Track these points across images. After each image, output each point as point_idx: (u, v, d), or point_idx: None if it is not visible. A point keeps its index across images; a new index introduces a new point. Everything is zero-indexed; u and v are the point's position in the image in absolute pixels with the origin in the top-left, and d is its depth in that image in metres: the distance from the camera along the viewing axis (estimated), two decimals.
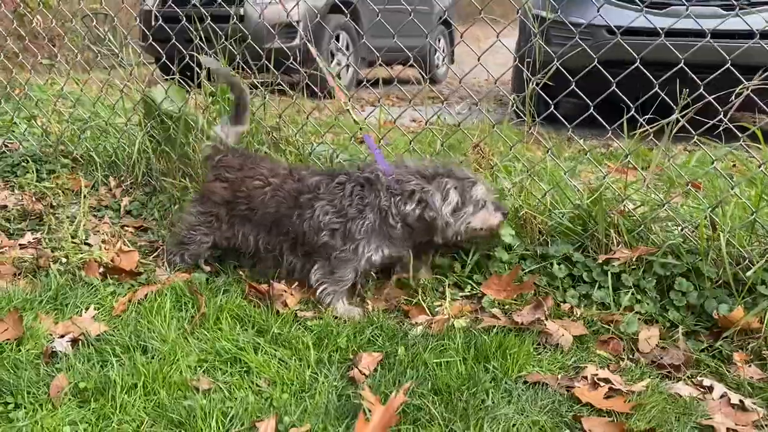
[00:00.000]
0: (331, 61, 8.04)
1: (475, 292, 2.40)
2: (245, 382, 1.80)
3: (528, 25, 5.40)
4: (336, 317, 2.19)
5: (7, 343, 2.02)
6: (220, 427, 1.57)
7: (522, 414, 1.67)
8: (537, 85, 2.55)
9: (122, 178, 3.32)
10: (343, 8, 3.92)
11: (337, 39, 8.32)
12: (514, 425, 1.62)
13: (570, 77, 2.58)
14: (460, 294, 2.41)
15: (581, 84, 2.57)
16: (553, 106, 2.57)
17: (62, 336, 2.07)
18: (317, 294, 2.29)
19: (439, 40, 10.85)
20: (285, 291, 2.32)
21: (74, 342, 2.04)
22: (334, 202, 2.27)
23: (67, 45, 4.35)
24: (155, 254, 2.72)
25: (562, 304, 2.31)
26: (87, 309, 2.25)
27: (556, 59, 2.52)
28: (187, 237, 2.52)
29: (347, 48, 8.52)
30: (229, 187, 2.47)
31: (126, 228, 2.97)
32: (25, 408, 1.68)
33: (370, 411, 1.55)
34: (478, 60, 2.64)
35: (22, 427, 1.60)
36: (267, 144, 3.02)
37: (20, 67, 4.46)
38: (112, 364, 1.82)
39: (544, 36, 4.98)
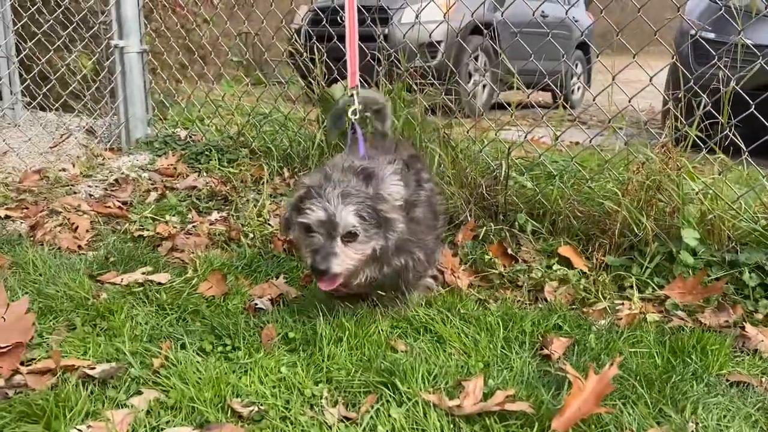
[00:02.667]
0: (469, 82, 8.13)
1: (656, 294, 2.33)
2: (438, 350, 1.86)
3: (684, 48, 5.19)
4: None
5: (214, 298, 2.21)
6: (426, 382, 1.64)
7: (733, 406, 1.60)
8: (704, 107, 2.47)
9: (296, 169, 3.54)
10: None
11: (476, 60, 8.41)
12: (725, 416, 1.56)
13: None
14: (640, 296, 2.35)
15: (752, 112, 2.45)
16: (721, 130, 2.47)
17: (261, 297, 2.24)
18: None
19: (577, 65, 10.67)
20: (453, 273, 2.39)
21: (272, 301, 2.20)
22: None
23: (226, 60, 4.73)
24: None
25: (754, 313, 2.20)
26: (277, 277, 2.42)
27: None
28: None
29: (484, 69, 8.58)
30: None
31: None
32: (242, 350, 1.84)
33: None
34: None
35: (244, 364, 1.74)
36: (437, 141, 3.12)
37: (183, 75, 4.92)
38: (318, 319, 1.94)
39: (703, 58, 4.77)
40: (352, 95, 2.28)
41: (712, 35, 4.83)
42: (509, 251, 2.62)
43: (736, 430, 1.47)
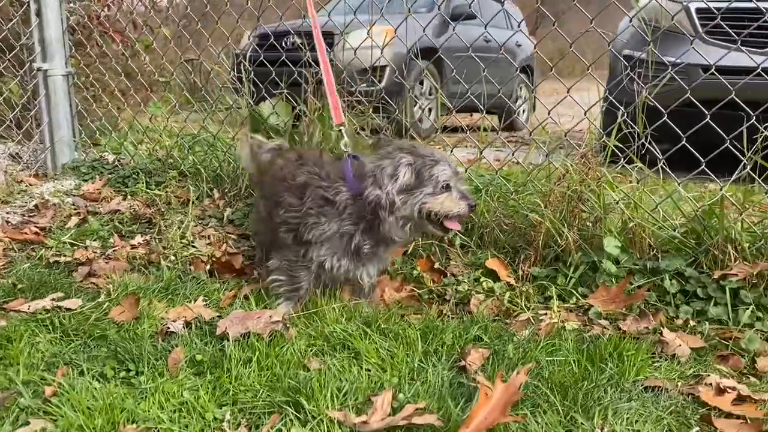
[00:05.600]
0: (415, 105, 8.19)
1: (580, 303, 2.33)
2: (354, 366, 1.80)
3: (618, 67, 5.35)
4: None
5: (125, 323, 2.11)
6: (335, 400, 1.57)
7: (645, 411, 1.59)
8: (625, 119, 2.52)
9: (226, 190, 3.45)
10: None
11: (421, 84, 8.49)
12: (637, 420, 1.54)
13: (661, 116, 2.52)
14: (564, 305, 2.35)
15: (683, 128, 2.51)
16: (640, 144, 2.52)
17: (174, 321, 2.15)
18: (270, 285, 2.24)
19: (521, 89, 10.89)
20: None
21: (187, 324, 2.10)
22: (296, 200, 2.16)
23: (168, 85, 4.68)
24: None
25: (675, 319, 2.21)
26: (196, 300, 2.33)
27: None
28: (253, 228, 2.63)
29: (430, 93, 8.67)
30: (261, 170, 2.58)
31: (229, 235, 3.08)
32: (145, 375, 1.74)
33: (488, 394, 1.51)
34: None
35: (145, 389, 1.65)
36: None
37: (122, 101, 4.82)
38: (227, 340, 1.86)
39: (636, 76, 4.88)
40: (340, 130, 2.44)
41: (643, 55, 4.98)
42: (437, 265, 2.59)
43: None
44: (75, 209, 3.40)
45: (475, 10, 7.59)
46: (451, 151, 3.11)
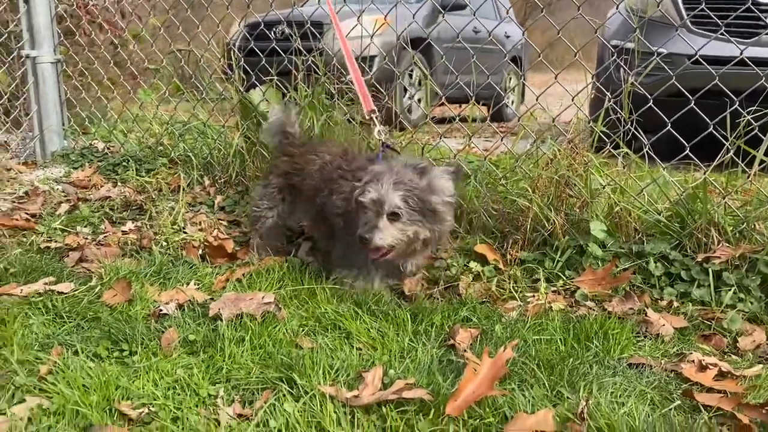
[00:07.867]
0: (404, 95, 8.19)
1: (567, 286, 2.37)
2: (346, 345, 1.84)
3: (606, 56, 5.38)
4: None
5: (118, 305, 2.13)
6: (327, 376, 1.60)
7: (629, 386, 1.63)
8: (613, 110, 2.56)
9: (216, 178, 3.46)
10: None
11: (411, 75, 8.49)
12: (621, 395, 1.59)
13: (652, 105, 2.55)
14: (552, 288, 2.39)
15: (667, 117, 2.55)
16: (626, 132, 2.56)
17: (167, 303, 2.16)
18: (337, 272, 2.28)
19: (510, 80, 10.91)
20: None
21: (179, 307, 2.12)
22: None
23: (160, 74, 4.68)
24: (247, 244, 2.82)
25: (659, 300, 2.26)
26: (188, 284, 2.35)
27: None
28: (255, 213, 2.67)
29: (419, 83, 8.67)
30: (289, 160, 2.61)
31: (220, 221, 3.09)
32: (138, 355, 1.76)
33: (476, 370, 1.55)
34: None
35: (138, 368, 1.67)
36: (357, 145, 3.11)
37: (109, 89, 4.81)
38: (220, 320, 1.88)
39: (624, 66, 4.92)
40: (371, 117, 2.55)
41: (631, 45, 5.02)
42: None
43: (628, 406, 1.49)
44: (65, 196, 3.40)
45: (466, 0, 7.57)
46: (440, 139, 3.14)
